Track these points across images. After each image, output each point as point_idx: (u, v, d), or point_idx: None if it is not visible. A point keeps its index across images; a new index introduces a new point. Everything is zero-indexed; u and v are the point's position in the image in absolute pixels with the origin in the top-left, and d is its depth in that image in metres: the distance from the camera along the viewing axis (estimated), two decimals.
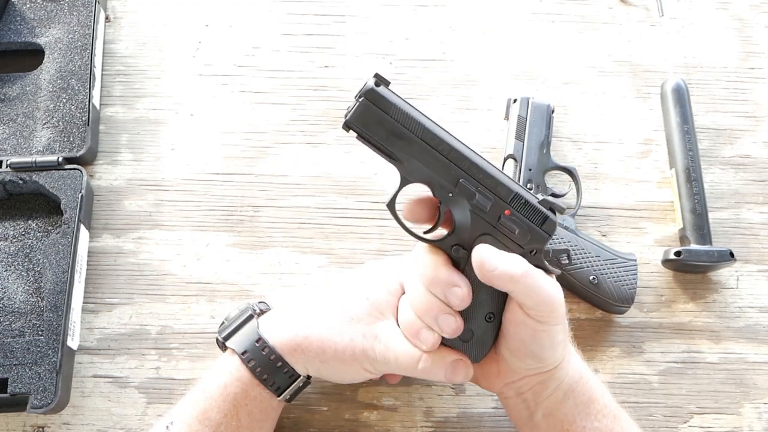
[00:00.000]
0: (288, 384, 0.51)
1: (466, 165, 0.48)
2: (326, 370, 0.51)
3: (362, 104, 0.46)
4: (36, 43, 0.73)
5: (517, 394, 0.54)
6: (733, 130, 0.74)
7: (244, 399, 0.50)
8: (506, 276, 0.47)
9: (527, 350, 0.50)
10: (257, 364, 0.49)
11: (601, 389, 0.53)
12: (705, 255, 0.65)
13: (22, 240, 0.67)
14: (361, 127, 0.47)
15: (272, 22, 0.77)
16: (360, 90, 0.47)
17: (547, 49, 0.77)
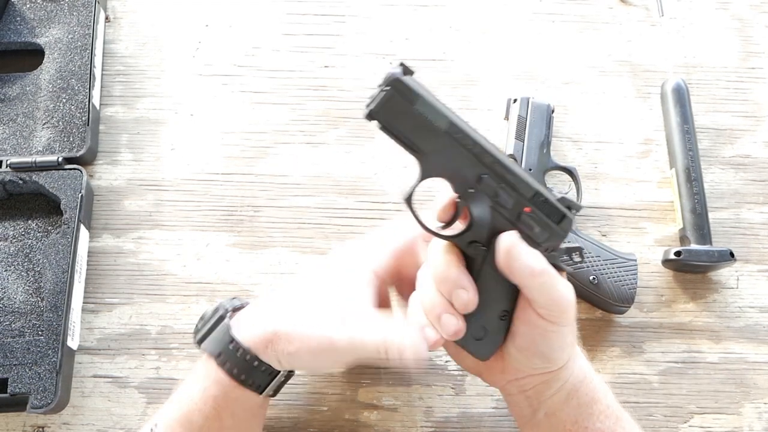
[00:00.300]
0: (268, 381, 0.50)
1: (489, 160, 0.47)
2: (298, 362, 0.50)
3: (388, 94, 0.44)
4: (36, 43, 0.73)
5: (519, 391, 0.53)
6: (734, 130, 0.74)
7: (224, 401, 0.49)
8: (527, 268, 0.46)
9: (536, 350, 0.50)
10: (233, 366, 0.49)
11: (604, 390, 0.53)
12: (705, 255, 0.65)
13: (22, 240, 0.67)
14: (385, 117, 0.45)
15: (272, 22, 0.77)
16: (385, 79, 0.44)
17: (547, 49, 0.77)
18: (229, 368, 0.48)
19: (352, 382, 0.64)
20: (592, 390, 0.52)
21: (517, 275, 0.47)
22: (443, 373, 0.64)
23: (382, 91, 0.44)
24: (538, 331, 0.49)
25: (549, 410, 0.52)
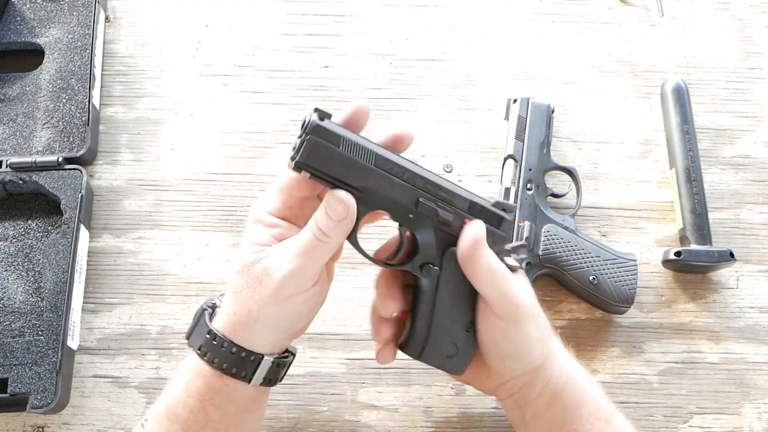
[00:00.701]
0: (254, 368, 0.48)
1: (422, 183, 0.49)
2: (267, 328, 0.48)
3: (311, 141, 0.44)
4: (36, 43, 0.73)
5: (509, 395, 0.54)
6: (733, 130, 0.74)
7: (207, 392, 0.48)
8: (486, 264, 0.49)
9: (502, 351, 0.51)
10: (214, 356, 0.48)
11: (594, 392, 0.53)
12: (705, 255, 0.65)
13: (22, 240, 0.67)
14: (313, 164, 0.45)
15: (272, 22, 0.77)
16: (303, 128, 0.45)
17: (547, 49, 0.77)
18: (210, 358, 0.48)
19: (352, 383, 0.64)
20: (578, 392, 0.52)
21: (477, 268, 0.49)
22: (443, 374, 0.64)
23: (304, 140, 0.44)
24: (500, 332, 0.50)
25: (535, 413, 0.53)
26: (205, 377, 0.48)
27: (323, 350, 0.64)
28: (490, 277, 0.49)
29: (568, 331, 0.66)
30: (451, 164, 0.72)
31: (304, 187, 0.48)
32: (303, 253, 0.46)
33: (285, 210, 0.49)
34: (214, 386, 0.48)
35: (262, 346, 0.48)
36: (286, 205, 0.49)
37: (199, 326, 0.49)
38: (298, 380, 0.63)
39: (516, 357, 0.52)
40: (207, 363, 0.48)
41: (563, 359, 0.53)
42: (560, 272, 0.64)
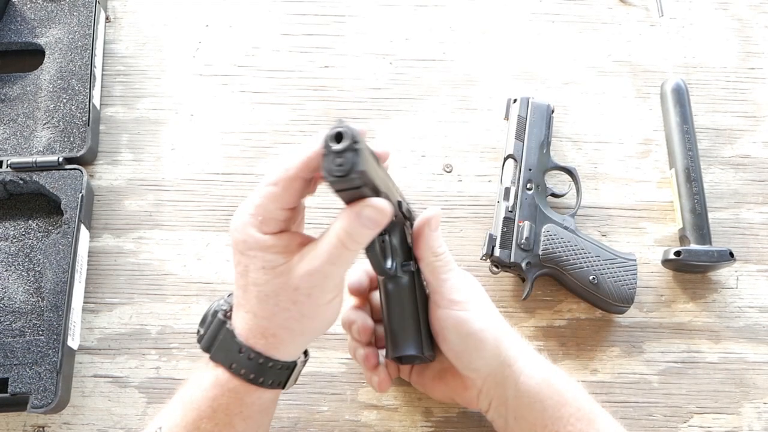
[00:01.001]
0: (287, 375, 0.49)
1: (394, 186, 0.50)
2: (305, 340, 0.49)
3: (361, 149, 0.41)
4: (36, 43, 0.73)
5: (488, 403, 0.55)
6: (733, 130, 0.74)
7: (238, 407, 0.48)
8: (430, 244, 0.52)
9: (454, 347, 0.53)
10: (249, 372, 0.47)
11: (575, 392, 0.53)
12: (705, 255, 0.65)
13: (23, 240, 0.67)
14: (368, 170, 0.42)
15: (272, 22, 0.77)
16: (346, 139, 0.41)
17: (547, 49, 0.77)
18: (245, 374, 0.47)
19: (352, 382, 0.64)
20: (557, 392, 0.53)
21: (422, 247, 0.51)
22: None
23: (350, 150, 0.41)
24: (443, 324, 0.52)
25: (516, 415, 0.54)
26: (237, 394, 0.47)
27: (323, 350, 0.64)
28: (431, 258, 0.52)
29: (567, 331, 0.66)
30: (451, 164, 0.72)
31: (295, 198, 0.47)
32: (332, 263, 0.45)
33: (283, 223, 0.47)
34: (248, 401, 0.48)
35: (298, 353, 0.50)
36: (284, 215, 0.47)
37: (223, 341, 0.47)
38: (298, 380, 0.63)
39: (468, 351, 0.53)
40: (243, 379, 0.47)
41: (534, 360, 0.54)
42: (560, 272, 0.64)
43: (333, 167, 0.41)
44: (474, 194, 0.71)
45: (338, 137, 0.41)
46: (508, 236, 0.65)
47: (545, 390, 0.52)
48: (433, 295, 0.53)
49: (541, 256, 0.64)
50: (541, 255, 0.64)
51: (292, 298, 0.45)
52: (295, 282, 0.45)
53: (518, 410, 0.53)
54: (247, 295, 0.47)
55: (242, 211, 0.47)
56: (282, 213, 0.46)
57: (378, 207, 0.44)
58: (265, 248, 0.46)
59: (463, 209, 0.70)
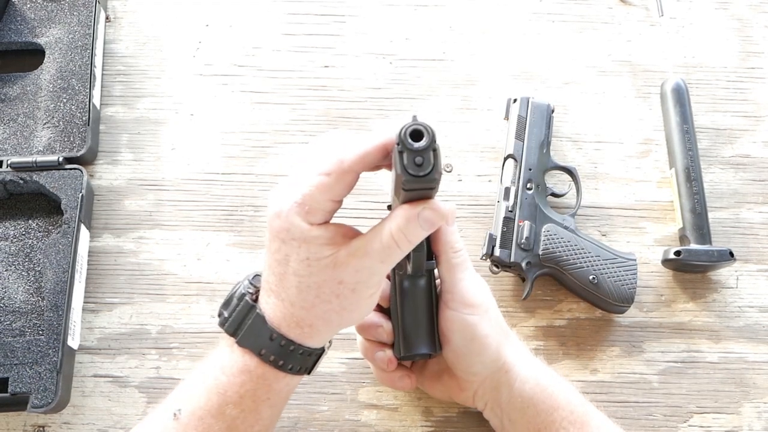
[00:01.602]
0: (315, 361, 0.49)
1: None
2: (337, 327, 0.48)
3: (439, 149, 0.41)
4: (36, 43, 0.73)
5: (484, 404, 0.56)
6: (733, 129, 0.74)
7: (266, 393, 0.47)
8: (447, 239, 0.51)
9: (458, 348, 0.53)
10: (278, 358, 0.46)
11: (567, 395, 0.53)
12: (705, 255, 0.65)
13: (23, 240, 0.67)
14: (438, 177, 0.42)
15: (272, 22, 0.77)
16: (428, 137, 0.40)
17: (547, 49, 0.77)
18: (275, 361, 0.46)
19: (352, 382, 0.64)
20: (549, 396, 0.53)
21: (443, 241, 0.51)
22: None
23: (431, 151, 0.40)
24: (453, 325, 0.52)
25: (510, 418, 0.54)
26: (266, 380, 0.47)
27: None
28: (450, 254, 0.51)
29: (567, 331, 0.66)
30: (451, 164, 0.71)
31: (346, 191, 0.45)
32: (382, 261, 0.45)
33: (329, 214, 0.46)
34: (276, 387, 0.48)
35: (325, 342, 0.49)
36: (332, 207, 0.46)
37: (253, 326, 0.46)
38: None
39: (469, 354, 0.53)
40: (272, 365, 0.46)
41: (529, 364, 0.54)
42: (560, 272, 0.64)
43: (413, 166, 0.40)
44: (474, 194, 0.71)
45: (417, 135, 0.40)
46: (508, 236, 0.65)
47: (538, 394, 0.53)
48: (444, 294, 0.53)
49: (541, 255, 0.64)
50: (541, 255, 0.64)
51: (336, 291, 0.45)
52: (341, 276, 0.44)
53: (512, 413, 0.54)
54: (285, 283, 0.45)
55: (286, 197, 0.44)
56: (331, 204, 0.45)
57: (438, 210, 0.44)
58: (311, 239, 0.44)
59: (463, 209, 0.70)
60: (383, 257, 0.44)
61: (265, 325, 0.46)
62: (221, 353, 0.48)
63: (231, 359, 0.47)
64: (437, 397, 0.61)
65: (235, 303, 0.48)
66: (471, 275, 0.53)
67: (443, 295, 0.53)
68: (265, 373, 0.47)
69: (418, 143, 0.40)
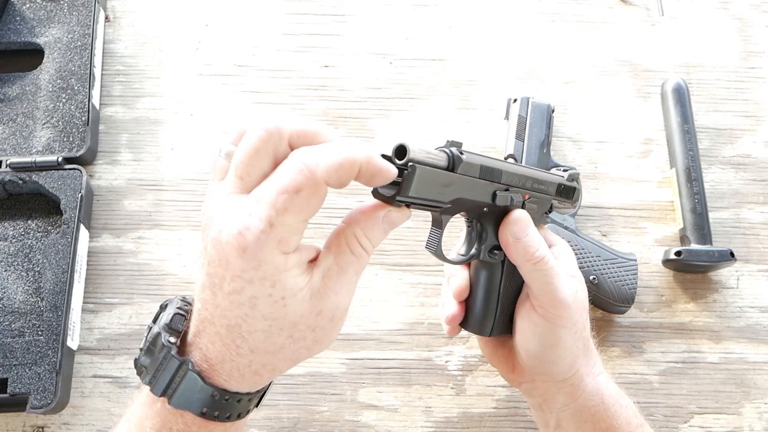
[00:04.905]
0: (258, 400, 0.42)
1: (498, 176, 0.49)
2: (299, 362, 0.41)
3: (413, 172, 0.41)
4: (36, 42, 0.73)
5: (531, 395, 0.55)
6: (734, 129, 0.74)
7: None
8: (526, 250, 0.49)
9: (531, 347, 0.51)
10: (223, 412, 0.39)
11: (628, 417, 0.51)
12: (705, 255, 0.65)
13: (22, 240, 0.67)
14: (417, 195, 0.42)
15: (272, 21, 0.77)
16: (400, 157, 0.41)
17: (547, 48, 0.77)
18: (219, 416, 0.39)
19: (352, 383, 0.63)
20: (609, 417, 0.51)
21: (514, 254, 0.49)
22: (443, 373, 0.64)
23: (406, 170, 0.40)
24: (533, 326, 0.50)
25: (562, 425, 0.52)
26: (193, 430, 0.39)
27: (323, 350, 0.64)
28: (528, 266, 0.49)
29: None
30: None
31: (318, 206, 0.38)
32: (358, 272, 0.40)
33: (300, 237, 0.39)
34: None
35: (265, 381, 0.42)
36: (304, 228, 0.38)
37: (188, 386, 0.38)
38: (298, 380, 0.63)
39: (542, 360, 0.51)
40: (215, 420, 0.39)
41: (597, 380, 0.52)
42: None
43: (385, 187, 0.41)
44: None
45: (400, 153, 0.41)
46: None
47: (600, 413, 0.51)
48: (531, 297, 0.51)
49: None
50: None
51: (312, 324, 0.38)
52: (320, 306, 0.38)
53: (564, 422, 0.52)
54: (245, 329, 0.37)
55: (242, 224, 0.36)
56: (304, 225, 0.37)
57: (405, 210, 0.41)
58: (287, 274, 0.37)
59: None
60: (358, 268, 0.40)
61: (204, 384, 0.38)
62: (148, 411, 0.40)
63: (161, 415, 0.39)
64: (486, 355, 0.59)
65: (157, 356, 0.39)
66: (561, 282, 0.49)
67: (530, 295, 0.51)
68: (204, 424, 0.39)
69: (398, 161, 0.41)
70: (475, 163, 0.46)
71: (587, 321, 0.52)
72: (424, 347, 0.65)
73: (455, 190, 0.46)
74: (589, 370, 0.52)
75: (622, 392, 0.53)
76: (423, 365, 0.64)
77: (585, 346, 0.52)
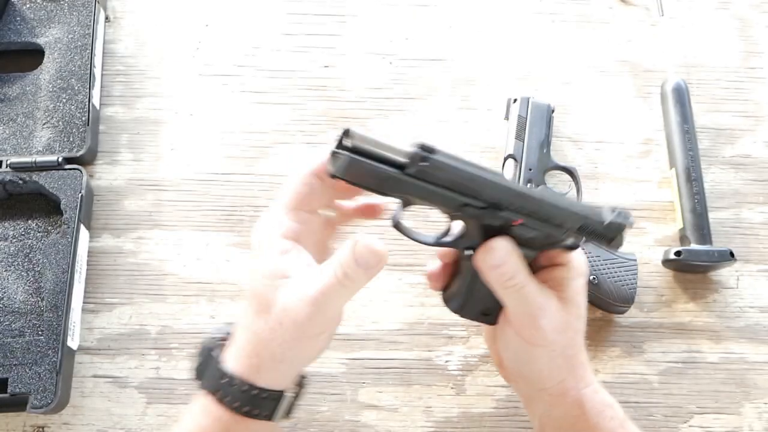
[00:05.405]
0: (275, 406, 0.46)
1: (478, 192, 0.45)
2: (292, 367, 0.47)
3: (345, 158, 0.43)
4: (36, 43, 0.73)
5: (523, 398, 0.55)
6: (734, 129, 0.74)
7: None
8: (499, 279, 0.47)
9: (509, 359, 0.52)
10: (234, 399, 0.44)
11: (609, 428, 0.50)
12: (705, 255, 0.65)
13: (22, 240, 0.67)
14: (351, 178, 0.44)
15: (272, 22, 0.77)
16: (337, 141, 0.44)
17: (547, 49, 0.77)
18: (230, 402, 0.44)
19: (352, 383, 0.64)
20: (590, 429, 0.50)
21: (486, 278, 0.48)
22: (443, 373, 0.64)
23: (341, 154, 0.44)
24: (510, 341, 0.50)
25: (543, 429, 0.52)
26: (224, 423, 0.45)
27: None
28: (502, 290, 0.48)
29: None
30: None
31: (320, 200, 0.47)
32: (325, 296, 0.43)
33: (296, 229, 0.46)
34: (233, 430, 0.45)
35: (285, 383, 0.47)
36: (297, 222, 0.46)
37: (211, 369, 0.46)
38: None
39: (519, 373, 0.52)
40: (227, 407, 0.45)
41: (582, 393, 0.50)
42: None
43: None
44: None
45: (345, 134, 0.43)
46: None
47: (581, 423, 0.50)
48: (509, 315, 0.49)
49: None
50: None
51: (280, 320, 0.43)
52: (288, 303, 0.43)
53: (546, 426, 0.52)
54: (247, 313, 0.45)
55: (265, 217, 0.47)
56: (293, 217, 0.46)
57: (370, 250, 0.43)
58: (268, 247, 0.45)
59: None
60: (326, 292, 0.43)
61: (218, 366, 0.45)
62: (196, 398, 0.47)
63: (197, 403, 0.46)
64: (486, 341, 0.59)
65: (200, 350, 0.48)
66: (539, 310, 0.48)
67: (509, 316, 0.49)
68: (222, 416, 0.45)
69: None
70: (444, 170, 0.43)
71: (575, 339, 0.50)
72: (424, 347, 0.65)
73: (404, 191, 0.44)
74: (574, 384, 0.50)
75: (612, 403, 0.51)
76: (423, 365, 0.64)
77: (568, 363, 0.50)
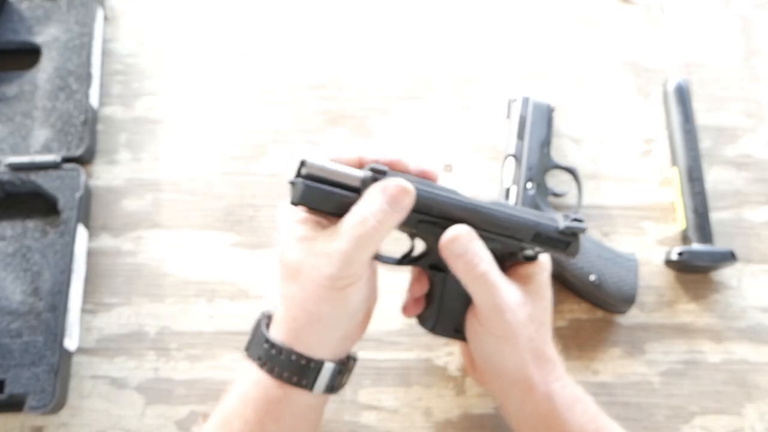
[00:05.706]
0: (315, 375, 0.47)
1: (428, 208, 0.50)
2: (328, 326, 0.48)
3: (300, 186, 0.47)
4: (33, 42, 0.73)
5: (494, 395, 0.57)
6: (735, 129, 0.73)
7: (265, 404, 0.47)
8: (466, 266, 0.49)
9: (477, 352, 0.54)
10: (274, 365, 0.47)
11: (581, 426, 0.51)
12: (707, 255, 0.65)
13: (20, 240, 0.66)
14: (310, 204, 0.48)
15: (272, 21, 0.77)
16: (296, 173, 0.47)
17: (548, 48, 0.76)
18: (269, 368, 0.47)
19: (352, 383, 0.63)
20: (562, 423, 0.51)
21: (454, 268, 0.50)
22: (443, 374, 0.64)
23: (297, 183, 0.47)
24: (476, 335, 0.52)
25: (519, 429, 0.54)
26: (264, 388, 0.47)
27: None
28: (470, 280, 0.50)
29: (569, 332, 0.65)
30: (451, 164, 0.71)
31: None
32: (352, 244, 0.45)
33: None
34: (273, 397, 0.47)
35: (324, 351, 0.48)
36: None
37: (257, 337, 0.49)
38: None
39: (489, 369, 0.54)
40: (267, 372, 0.47)
41: (551, 388, 0.51)
42: (561, 272, 0.64)
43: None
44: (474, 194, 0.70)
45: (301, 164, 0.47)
46: None
47: (551, 419, 0.51)
48: (475, 306, 0.51)
49: None
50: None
51: (311, 276, 0.46)
52: (318, 260, 0.46)
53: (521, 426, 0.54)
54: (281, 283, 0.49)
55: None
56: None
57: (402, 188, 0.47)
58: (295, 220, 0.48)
59: None
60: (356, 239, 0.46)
61: (261, 332, 0.48)
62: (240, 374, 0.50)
63: (241, 372, 0.49)
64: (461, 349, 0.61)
65: (255, 323, 0.51)
66: (503, 298, 0.50)
67: (476, 309, 0.51)
68: (262, 381, 0.47)
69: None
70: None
71: (540, 331, 0.52)
72: (424, 348, 0.64)
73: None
74: (542, 378, 0.51)
75: (583, 398, 0.52)
76: (423, 366, 0.64)
77: (535, 356, 0.51)
